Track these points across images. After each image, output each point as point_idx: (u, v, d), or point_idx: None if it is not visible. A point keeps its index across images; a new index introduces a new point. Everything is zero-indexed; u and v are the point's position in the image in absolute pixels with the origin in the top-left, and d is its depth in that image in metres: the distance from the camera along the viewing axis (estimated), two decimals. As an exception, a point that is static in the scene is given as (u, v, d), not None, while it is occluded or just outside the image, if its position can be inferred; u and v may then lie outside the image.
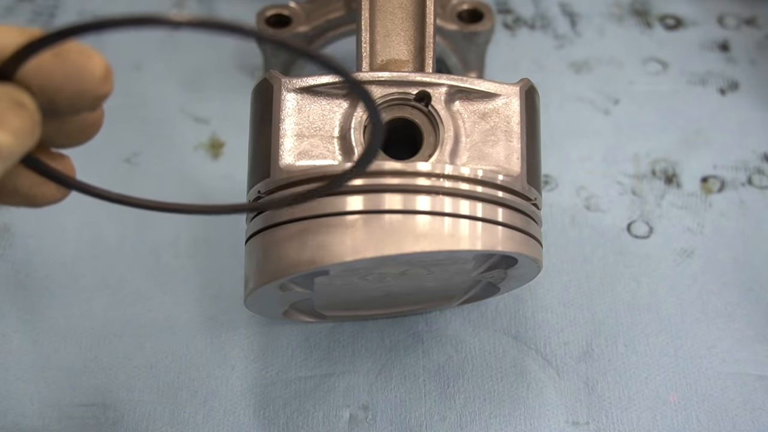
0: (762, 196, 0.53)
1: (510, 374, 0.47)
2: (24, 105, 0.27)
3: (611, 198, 0.52)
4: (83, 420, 0.45)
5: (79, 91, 0.28)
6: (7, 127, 0.26)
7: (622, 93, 0.57)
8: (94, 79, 0.28)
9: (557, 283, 0.49)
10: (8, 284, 0.49)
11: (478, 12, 0.52)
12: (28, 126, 0.27)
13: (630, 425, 0.45)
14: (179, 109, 0.56)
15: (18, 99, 0.27)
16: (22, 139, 0.27)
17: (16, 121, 0.26)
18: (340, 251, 0.35)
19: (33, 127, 0.27)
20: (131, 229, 0.51)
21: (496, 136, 0.38)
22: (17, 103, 0.27)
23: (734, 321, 0.48)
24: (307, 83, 0.38)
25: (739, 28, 0.60)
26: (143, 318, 0.48)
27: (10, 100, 0.26)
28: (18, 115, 0.26)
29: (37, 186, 0.31)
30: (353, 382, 0.46)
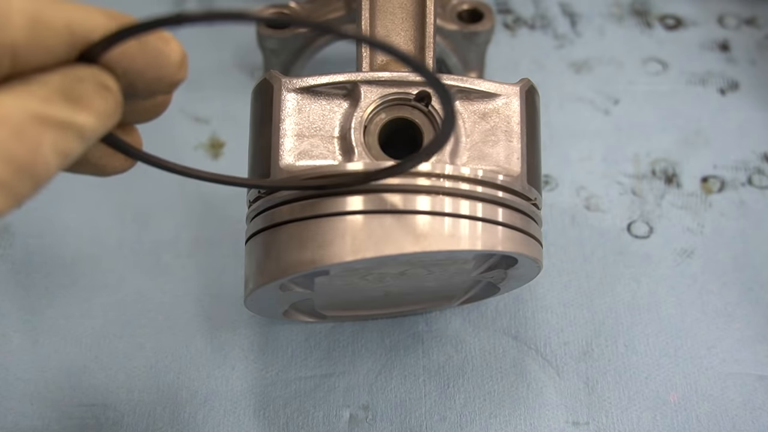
0: (762, 196, 0.53)
1: (510, 374, 0.47)
2: (109, 88, 0.28)
3: (611, 198, 0.52)
4: (83, 420, 0.45)
5: (158, 76, 0.29)
6: (92, 108, 0.27)
7: (622, 93, 0.57)
8: (172, 65, 0.29)
9: (557, 283, 0.49)
10: (8, 284, 0.49)
11: (478, 12, 0.52)
12: (111, 108, 0.28)
13: (630, 425, 0.45)
14: (179, 109, 0.56)
15: (104, 82, 0.27)
16: (104, 121, 0.28)
17: (100, 103, 0.27)
18: (340, 251, 0.35)
19: (116, 109, 0.28)
20: (131, 229, 0.51)
21: (496, 136, 0.38)
22: (103, 86, 0.27)
23: (734, 321, 0.48)
24: (307, 83, 0.38)
25: (739, 28, 0.60)
26: (143, 318, 0.48)
27: (96, 82, 0.27)
28: (103, 97, 0.27)
29: (106, 157, 0.32)
30: (353, 382, 0.46)
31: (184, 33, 0.65)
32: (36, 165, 0.25)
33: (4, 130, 0.25)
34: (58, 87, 0.26)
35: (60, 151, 0.26)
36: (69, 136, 0.26)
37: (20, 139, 0.25)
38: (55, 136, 0.26)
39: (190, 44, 0.61)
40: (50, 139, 0.26)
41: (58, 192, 0.52)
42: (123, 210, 0.51)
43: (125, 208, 0.51)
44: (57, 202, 0.52)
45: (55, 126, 0.26)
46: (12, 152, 0.25)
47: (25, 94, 0.26)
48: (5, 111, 0.25)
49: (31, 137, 0.25)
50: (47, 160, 0.26)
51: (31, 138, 0.25)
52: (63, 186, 0.52)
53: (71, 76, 0.27)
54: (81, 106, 0.27)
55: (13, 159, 0.25)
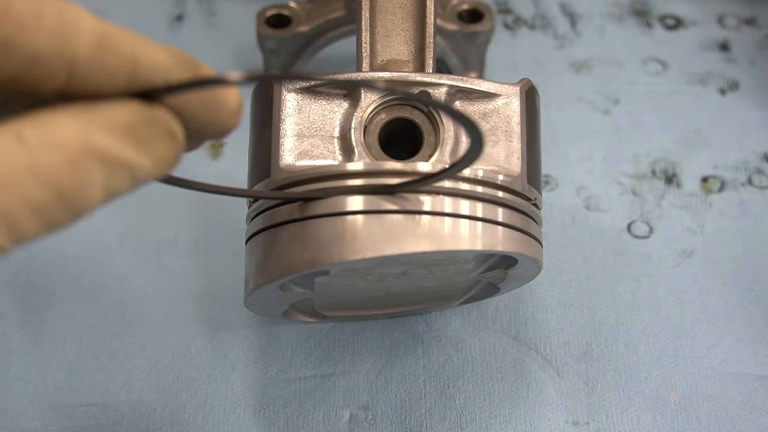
0: (762, 196, 0.53)
1: (510, 374, 0.47)
2: (175, 136, 0.26)
3: (611, 198, 0.52)
4: (83, 420, 0.45)
5: (213, 121, 0.27)
6: (154, 154, 0.25)
7: (622, 93, 0.57)
8: (228, 111, 0.27)
9: (557, 283, 0.49)
10: (8, 284, 0.49)
11: (478, 12, 0.52)
12: (172, 157, 0.26)
13: (630, 425, 0.45)
14: (179, 109, 0.55)
15: (171, 129, 0.26)
16: (162, 168, 0.26)
17: (163, 150, 0.26)
18: (340, 251, 0.35)
19: (176, 158, 0.27)
20: (132, 229, 0.51)
21: (497, 136, 0.38)
22: (169, 133, 0.26)
23: (734, 321, 0.48)
24: (307, 83, 0.38)
25: (739, 28, 0.60)
26: (143, 318, 0.48)
27: (164, 127, 0.26)
28: (167, 145, 0.26)
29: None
30: (353, 382, 0.46)
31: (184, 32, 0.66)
32: (80, 198, 0.24)
33: (59, 156, 0.23)
34: (125, 123, 0.25)
35: (108, 189, 0.25)
36: (123, 176, 0.25)
37: (73, 169, 0.23)
38: (109, 173, 0.24)
39: (190, 44, 0.62)
40: (103, 174, 0.24)
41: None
42: (123, 210, 0.51)
43: (126, 208, 0.51)
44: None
45: (113, 163, 0.24)
46: (60, 180, 0.23)
47: (88, 121, 0.24)
48: (65, 135, 0.23)
49: (85, 170, 0.24)
50: (93, 195, 0.24)
51: (84, 170, 0.24)
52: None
53: (142, 115, 0.25)
54: (144, 150, 0.25)
55: (59, 187, 0.23)
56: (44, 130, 0.23)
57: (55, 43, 0.23)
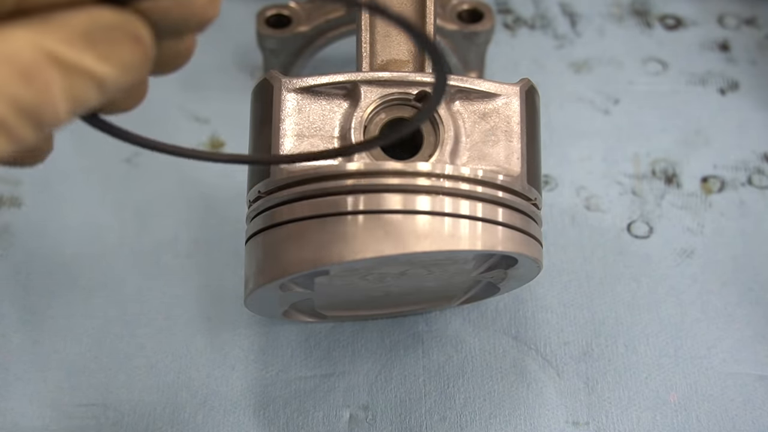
0: (762, 196, 0.53)
1: (510, 374, 0.47)
2: (140, 39, 0.25)
3: (611, 198, 0.52)
4: (83, 420, 0.45)
5: (186, 15, 0.26)
6: (117, 59, 0.24)
7: (622, 93, 0.57)
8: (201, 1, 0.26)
9: (557, 283, 0.49)
10: (8, 284, 0.49)
11: (478, 12, 0.52)
12: (138, 61, 0.25)
13: (630, 425, 0.45)
14: (179, 108, 0.56)
15: (135, 32, 0.25)
16: (129, 74, 0.25)
17: (127, 55, 0.25)
18: (340, 251, 0.35)
19: (143, 62, 0.25)
20: (131, 229, 0.51)
21: (497, 136, 0.38)
22: (132, 36, 0.25)
23: (734, 321, 0.48)
24: (307, 83, 0.38)
25: (739, 28, 0.60)
26: (143, 318, 0.48)
27: (126, 31, 0.25)
28: (131, 49, 0.25)
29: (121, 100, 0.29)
30: (353, 382, 0.46)
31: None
32: (42, 109, 0.23)
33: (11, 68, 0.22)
34: (82, 29, 0.24)
35: (73, 98, 0.24)
36: (86, 84, 0.24)
37: (28, 80, 0.23)
38: (69, 81, 0.23)
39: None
40: (64, 84, 0.23)
41: (58, 192, 0.52)
42: (123, 210, 0.51)
43: (125, 208, 0.51)
44: (57, 203, 0.52)
45: (71, 71, 0.23)
46: (15, 93, 0.23)
47: (41, 30, 0.23)
48: (13, 47, 0.23)
49: (41, 79, 0.23)
50: (56, 105, 0.23)
51: (40, 80, 0.23)
52: (63, 186, 0.52)
53: (99, 20, 0.24)
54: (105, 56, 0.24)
55: (16, 100, 0.23)
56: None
57: None
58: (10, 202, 0.51)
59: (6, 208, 0.51)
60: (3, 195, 0.52)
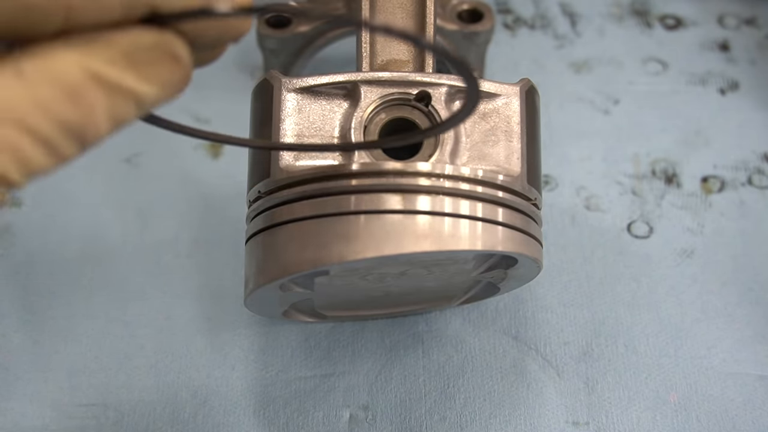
0: (762, 196, 0.53)
1: (510, 374, 0.47)
2: (179, 59, 0.26)
3: (611, 198, 0.52)
4: (83, 420, 0.45)
5: (222, 32, 0.27)
6: (158, 78, 0.25)
7: (622, 93, 0.57)
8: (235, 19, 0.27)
9: (557, 283, 0.49)
10: (9, 284, 0.49)
11: (478, 12, 0.52)
12: (177, 80, 0.26)
13: (630, 425, 0.45)
14: (179, 109, 0.55)
15: (175, 52, 0.26)
16: (168, 92, 0.26)
17: (167, 74, 0.25)
18: (340, 251, 0.35)
19: (182, 81, 0.26)
20: (132, 229, 0.51)
21: (497, 136, 0.38)
22: (173, 56, 0.26)
23: (734, 321, 0.48)
24: (307, 83, 0.38)
25: (739, 28, 0.60)
26: (143, 318, 0.48)
27: (166, 51, 0.25)
28: (171, 68, 0.26)
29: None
30: (353, 382, 0.46)
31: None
32: (86, 129, 0.24)
33: (59, 87, 0.23)
34: (125, 50, 0.24)
35: (114, 118, 0.25)
36: (127, 103, 0.25)
37: (74, 101, 0.23)
38: (112, 101, 0.24)
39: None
40: (107, 103, 0.24)
41: (59, 192, 0.52)
42: (124, 210, 0.51)
43: (126, 208, 0.51)
44: (58, 203, 0.52)
45: (115, 91, 0.24)
46: (62, 111, 0.23)
47: (86, 51, 0.24)
48: (61, 67, 0.23)
49: (87, 100, 0.24)
50: (99, 124, 0.24)
51: (86, 100, 0.24)
52: (64, 186, 0.52)
53: (140, 41, 0.25)
54: (146, 75, 0.25)
55: (62, 118, 0.23)
56: (43, 63, 0.23)
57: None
58: (11, 202, 0.51)
59: (6, 208, 0.51)
60: (3, 195, 0.52)
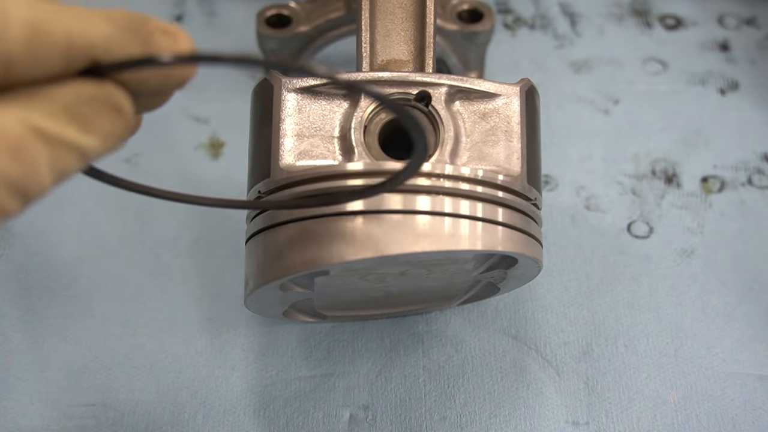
0: (762, 196, 0.53)
1: (510, 374, 0.47)
2: (121, 110, 0.26)
3: (611, 198, 0.52)
4: (83, 420, 0.45)
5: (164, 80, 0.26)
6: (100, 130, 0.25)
7: (622, 93, 0.57)
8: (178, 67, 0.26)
9: (557, 283, 0.49)
10: (8, 284, 0.49)
11: (478, 12, 0.52)
12: (119, 131, 0.26)
13: (630, 425, 0.45)
14: (179, 109, 0.56)
15: (117, 103, 0.25)
16: (111, 143, 0.26)
17: (109, 126, 0.25)
18: (340, 251, 0.35)
19: (125, 131, 0.26)
20: (131, 229, 0.51)
21: (497, 136, 0.38)
22: (115, 108, 0.25)
23: (734, 321, 0.48)
24: (307, 83, 0.38)
25: (739, 28, 0.60)
26: (143, 318, 0.48)
27: (107, 103, 0.25)
28: (113, 120, 0.25)
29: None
30: (353, 382, 0.46)
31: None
32: (29, 182, 0.24)
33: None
34: (66, 104, 0.24)
35: (57, 171, 0.24)
36: (70, 155, 0.24)
37: (16, 156, 0.23)
38: (55, 155, 0.24)
39: (190, 44, 0.61)
40: (49, 157, 0.24)
41: (59, 192, 0.52)
42: (123, 210, 0.51)
43: (125, 208, 0.51)
44: (57, 203, 0.52)
45: (57, 145, 0.24)
46: (4, 168, 0.23)
47: (27, 106, 0.24)
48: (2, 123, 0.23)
49: (29, 154, 0.23)
50: (41, 179, 0.24)
51: (28, 155, 0.23)
52: (63, 186, 0.52)
53: (81, 94, 0.25)
54: (88, 128, 0.25)
55: (5, 175, 0.23)
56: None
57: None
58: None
59: (6, 208, 0.51)
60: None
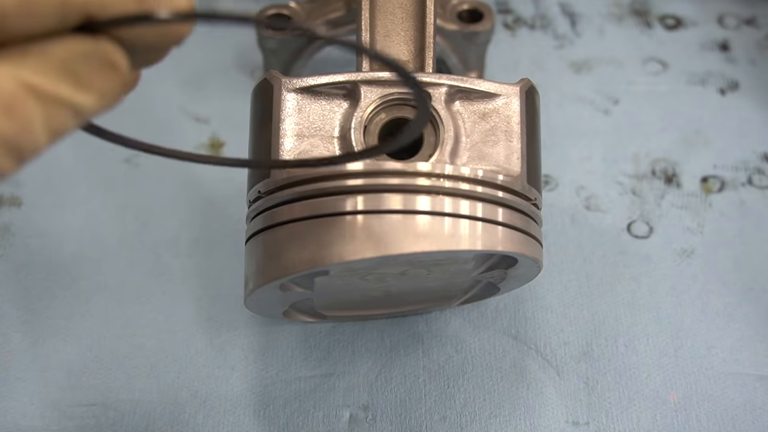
0: (762, 196, 0.53)
1: (510, 374, 0.47)
2: (116, 67, 0.25)
3: (611, 198, 0.52)
4: (83, 420, 0.45)
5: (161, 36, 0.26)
6: (94, 87, 0.25)
7: (622, 93, 0.57)
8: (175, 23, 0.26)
9: (557, 283, 0.49)
10: (8, 284, 0.49)
11: (478, 12, 0.52)
12: (115, 88, 0.25)
13: (630, 425, 0.45)
14: (179, 109, 0.56)
15: (112, 60, 0.25)
16: (107, 101, 0.25)
17: (104, 83, 0.25)
18: (340, 251, 0.35)
19: (121, 89, 0.26)
20: (131, 229, 0.51)
21: (496, 136, 0.38)
22: (110, 64, 0.25)
23: (734, 321, 0.48)
24: (307, 83, 0.38)
25: (739, 28, 0.60)
26: (143, 318, 0.48)
27: (103, 60, 0.25)
28: (108, 77, 0.25)
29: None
30: (353, 382, 0.46)
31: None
32: (23, 142, 0.23)
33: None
34: (60, 61, 0.24)
35: (52, 130, 0.24)
36: (65, 114, 0.24)
37: (9, 114, 0.23)
38: (49, 112, 0.24)
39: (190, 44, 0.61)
40: (43, 115, 0.24)
41: (59, 192, 0.52)
42: (123, 210, 0.51)
43: (126, 209, 0.51)
44: (57, 203, 0.52)
45: (51, 102, 0.24)
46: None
47: (20, 63, 0.23)
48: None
49: (22, 112, 0.23)
50: (36, 137, 0.24)
51: (21, 113, 0.23)
52: (64, 186, 0.52)
53: (76, 51, 0.24)
54: (83, 85, 0.24)
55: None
56: None
57: None
58: (10, 202, 0.51)
59: (6, 208, 0.51)
60: (3, 195, 0.52)
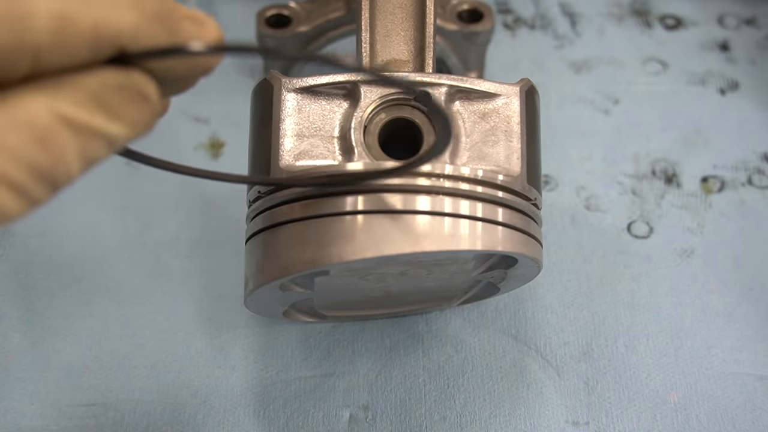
0: (762, 196, 0.53)
1: (510, 374, 0.47)
2: (147, 98, 0.26)
3: (611, 198, 0.52)
4: (83, 420, 0.45)
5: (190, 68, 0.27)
6: (125, 118, 0.25)
7: (622, 93, 0.57)
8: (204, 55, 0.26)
9: (557, 283, 0.49)
10: (8, 284, 0.49)
11: (478, 12, 0.52)
12: (147, 119, 0.26)
13: (630, 425, 0.45)
14: (179, 109, 0.55)
15: (143, 91, 0.26)
16: (138, 131, 0.26)
17: (136, 114, 0.26)
18: (340, 251, 0.35)
19: (152, 119, 0.26)
20: (132, 229, 0.51)
21: (496, 136, 0.38)
22: (141, 96, 0.26)
23: (734, 321, 0.48)
24: (307, 83, 0.38)
25: (739, 28, 0.60)
26: (143, 318, 0.48)
27: (134, 91, 0.25)
28: (140, 108, 0.26)
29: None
30: (353, 382, 0.46)
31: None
32: (57, 172, 0.24)
33: (27, 133, 0.23)
34: (93, 93, 0.24)
35: (85, 159, 0.25)
36: (98, 144, 0.25)
37: (44, 145, 0.23)
38: (83, 143, 0.24)
39: (190, 44, 0.61)
40: (77, 146, 0.24)
41: (60, 192, 0.52)
42: (124, 210, 0.51)
43: (126, 209, 0.51)
44: (58, 203, 0.51)
45: (85, 133, 0.24)
46: (32, 157, 0.23)
47: (55, 95, 0.24)
48: (30, 112, 0.23)
49: (57, 143, 0.24)
50: (69, 167, 0.24)
51: (56, 144, 0.24)
52: (63, 186, 0.52)
53: (108, 82, 0.25)
54: (115, 115, 0.25)
55: (33, 164, 0.23)
56: (11, 109, 0.23)
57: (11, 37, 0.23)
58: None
59: (6, 208, 0.51)
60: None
